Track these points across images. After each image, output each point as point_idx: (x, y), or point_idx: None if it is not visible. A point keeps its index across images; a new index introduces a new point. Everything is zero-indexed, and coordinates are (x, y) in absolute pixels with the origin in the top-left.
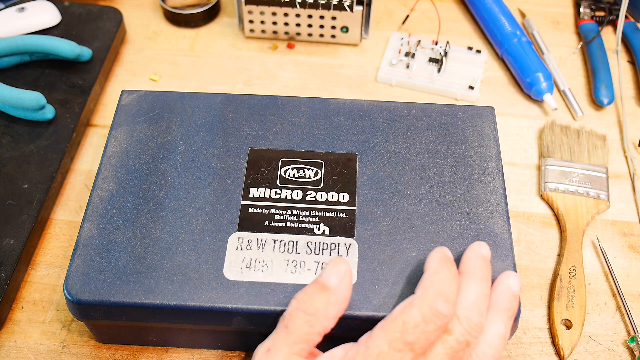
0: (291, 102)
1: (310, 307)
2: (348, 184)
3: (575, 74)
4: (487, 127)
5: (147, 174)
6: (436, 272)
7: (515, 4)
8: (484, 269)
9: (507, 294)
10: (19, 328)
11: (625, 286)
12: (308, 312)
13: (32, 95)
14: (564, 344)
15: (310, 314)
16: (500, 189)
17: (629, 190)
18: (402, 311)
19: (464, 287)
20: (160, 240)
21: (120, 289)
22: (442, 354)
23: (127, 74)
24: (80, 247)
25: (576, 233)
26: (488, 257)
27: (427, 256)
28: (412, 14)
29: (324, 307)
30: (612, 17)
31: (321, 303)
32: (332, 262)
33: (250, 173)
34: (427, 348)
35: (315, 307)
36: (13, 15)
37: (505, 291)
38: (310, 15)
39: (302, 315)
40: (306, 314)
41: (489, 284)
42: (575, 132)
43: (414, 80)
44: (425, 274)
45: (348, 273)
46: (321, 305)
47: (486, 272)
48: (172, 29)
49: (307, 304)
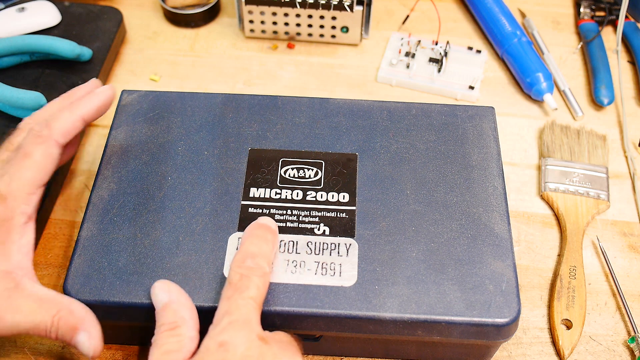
0: (291, 102)
1: (166, 325)
2: (348, 184)
3: (575, 74)
4: (487, 127)
5: (147, 174)
6: (242, 242)
7: (515, 4)
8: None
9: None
10: None
11: (625, 286)
12: (168, 328)
13: (32, 95)
14: (564, 344)
15: (172, 328)
16: (500, 189)
17: (629, 190)
18: (227, 279)
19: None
20: (160, 240)
21: (120, 289)
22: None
23: (127, 74)
24: (80, 246)
25: (576, 233)
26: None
27: None
28: (412, 14)
29: (176, 316)
30: (612, 17)
31: (171, 315)
32: (152, 289)
33: (251, 173)
34: (260, 296)
35: (169, 321)
36: (13, 15)
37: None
38: (310, 15)
39: (165, 332)
40: (167, 329)
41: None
42: (575, 132)
43: (414, 80)
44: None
45: (169, 284)
46: (172, 316)
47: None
48: (172, 29)
49: (163, 325)
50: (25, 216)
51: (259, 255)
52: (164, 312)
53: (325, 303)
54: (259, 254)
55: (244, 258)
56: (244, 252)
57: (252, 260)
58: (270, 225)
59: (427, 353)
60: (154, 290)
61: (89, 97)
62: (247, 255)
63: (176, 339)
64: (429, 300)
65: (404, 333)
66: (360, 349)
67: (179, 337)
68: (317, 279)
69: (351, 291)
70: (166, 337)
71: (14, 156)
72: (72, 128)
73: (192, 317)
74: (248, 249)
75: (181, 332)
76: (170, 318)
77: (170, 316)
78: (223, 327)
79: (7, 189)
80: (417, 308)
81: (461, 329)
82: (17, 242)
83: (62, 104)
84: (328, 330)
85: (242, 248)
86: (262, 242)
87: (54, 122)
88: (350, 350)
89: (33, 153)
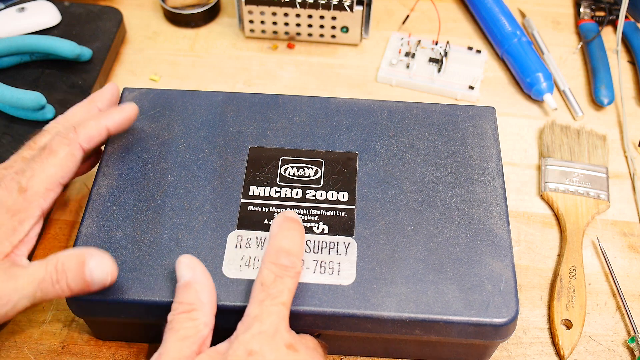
0: (292, 101)
1: (185, 305)
2: (348, 183)
3: (575, 74)
4: (488, 127)
5: (147, 172)
6: (274, 235)
7: (515, 4)
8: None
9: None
10: (19, 328)
11: (625, 286)
12: (185, 309)
13: (32, 95)
14: (564, 344)
15: (189, 310)
16: (500, 189)
17: (629, 190)
18: (257, 278)
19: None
20: (160, 238)
21: (120, 286)
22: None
23: (127, 74)
24: (80, 243)
25: (576, 233)
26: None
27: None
28: (412, 14)
29: (196, 297)
30: (612, 17)
31: (191, 295)
32: (177, 263)
33: (251, 171)
34: (291, 297)
35: (188, 301)
36: (13, 15)
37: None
38: (310, 15)
39: (183, 314)
40: (184, 311)
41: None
42: (575, 132)
43: (414, 80)
44: (269, 240)
45: (195, 262)
46: (193, 297)
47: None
48: (172, 29)
49: (182, 305)
50: (41, 210)
51: (293, 252)
52: (185, 290)
53: (324, 302)
54: (293, 250)
55: (279, 254)
56: (278, 248)
57: (286, 257)
58: (299, 219)
59: (426, 352)
60: (179, 264)
61: (115, 109)
62: (282, 251)
63: (192, 323)
64: (427, 299)
65: (402, 332)
66: (359, 348)
67: (195, 321)
68: (316, 277)
69: (350, 290)
70: (183, 320)
71: (38, 154)
72: (97, 135)
73: (210, 302)
74: (282, 244)
75: (197, 315)
76: (189, 298)
77: (191, 296)
78: (253, 335)
79: (28, 182)
80: (416, 307)
81: (459, 328)
82: (25, 234)
83: (84, 109)
84: (326, 329)
85: (275, 242)
86: (296, 236)
87: (80, 128)
88: (349, 349)
89: (58, 151)
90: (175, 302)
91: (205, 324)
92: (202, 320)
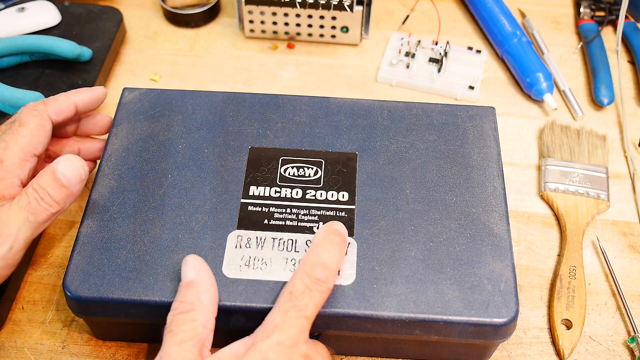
0: (292, 101)
1: (185, 305)
2: (348, 183)
3: (575, 74)
4: (488, 127)
5: (147, 172)
6: (316, 244)
7: (515, 4)
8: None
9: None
10: (19, 328)
11: (625, 286)
12: (185, 309)
13: (32, 96)
14: (564, 344)
15: (188, 310)
16: (500, 189)
17: (629, 190)
18: (288, 284)
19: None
20: (160, 238)
21: (120, 286)
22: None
23: (127, 74)
24: (80, 243)
25: (576, 233)
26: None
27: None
28: (412, 14)
29: (197, 297)
30: (612, 17)
31: (192, 295)
32: (183, 263)
33: (251, 171)
34: (316, 312)
35: (189, 301)
36: (13, 15)
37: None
38: (310, 15)
39: (181, 315)
40: (183, 311)
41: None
42: (575, 132)
43: (414, 80)
44: (310, 248)
45: (200, 263)
46: (193, 297)
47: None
48: (172, 29)
49: (182, 304)
50: (19, 180)
51: (331, 267)
52: (186, 290)
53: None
54: (331, 265)
55: (315, 266)
56: (317, 259)
57: (322, 271)
58: (345, 234)
59: (426, 352)
60: (185, 264)
61: (85, 89)
62: (319, 263)
63: (190, 325)
64: (427, 299)
65: (402, 332)
66: (359, 348)
67: (193, 322)
68: None
69: (349, 290)
70: (181, 322)
71: (9, 127)
72: (65, 109)
73: (211, 303)
74: (321, 256)
75: (196, 316)
76: (190, 298)
77: (191, 296)
78: (271, 344)
79: (2, 154)
80: (416, 307)
81: (459, 328)
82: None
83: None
84: (326, 329)
85: (316, 252)
86: (337, 251)
87: (49, 101)
88: (349, 349)
89: (28, 122)
90: (176, 301)
91: (203, 325)
92: (201, 322)
